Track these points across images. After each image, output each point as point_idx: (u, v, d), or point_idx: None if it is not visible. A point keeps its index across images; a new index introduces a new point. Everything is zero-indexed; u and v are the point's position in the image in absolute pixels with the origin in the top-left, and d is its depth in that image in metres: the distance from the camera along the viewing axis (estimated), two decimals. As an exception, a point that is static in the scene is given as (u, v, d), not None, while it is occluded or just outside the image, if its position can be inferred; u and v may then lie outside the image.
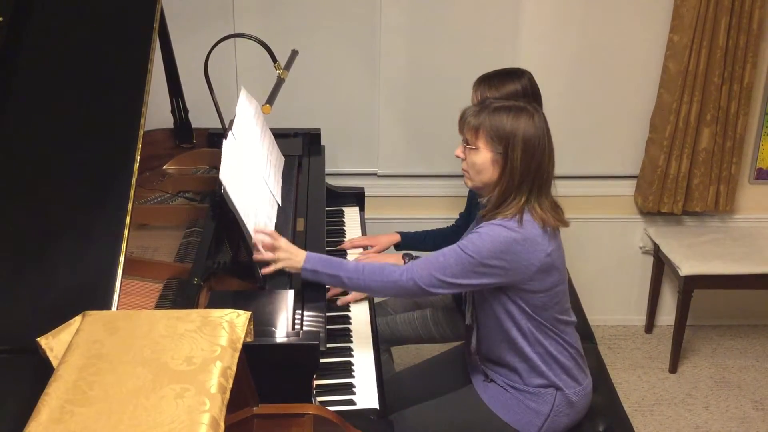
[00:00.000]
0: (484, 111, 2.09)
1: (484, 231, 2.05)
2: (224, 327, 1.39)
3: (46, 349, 1.40)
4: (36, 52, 2.02)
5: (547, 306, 2.12)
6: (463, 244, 2.07)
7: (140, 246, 2.35)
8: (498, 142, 2.05)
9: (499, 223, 2.05)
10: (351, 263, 2.15)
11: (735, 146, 3.47)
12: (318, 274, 2.13)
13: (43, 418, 1.22)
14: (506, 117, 2.05)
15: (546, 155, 2.07)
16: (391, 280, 2.10)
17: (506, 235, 2.03)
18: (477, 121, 2.08)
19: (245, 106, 2.56)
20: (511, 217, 2.05)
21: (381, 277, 2.11)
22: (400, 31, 3.33)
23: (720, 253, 3.44)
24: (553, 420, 2.18)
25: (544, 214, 2.07)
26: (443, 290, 2.09)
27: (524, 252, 2.03)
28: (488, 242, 2.03)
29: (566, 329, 2.20)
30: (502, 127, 2.05)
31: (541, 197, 2.08)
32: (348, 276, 2.11)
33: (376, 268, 2.13)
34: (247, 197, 2.21)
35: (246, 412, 1.55)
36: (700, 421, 3.27)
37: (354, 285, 2.14)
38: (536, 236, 2.05)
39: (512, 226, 2.03)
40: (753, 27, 3.26)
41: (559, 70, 3.40)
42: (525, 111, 2.07)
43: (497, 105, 2.09)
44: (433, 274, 2.07)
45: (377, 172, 3.57)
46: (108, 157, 1.89)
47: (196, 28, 3.17)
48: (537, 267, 2.05)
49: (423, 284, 2.07)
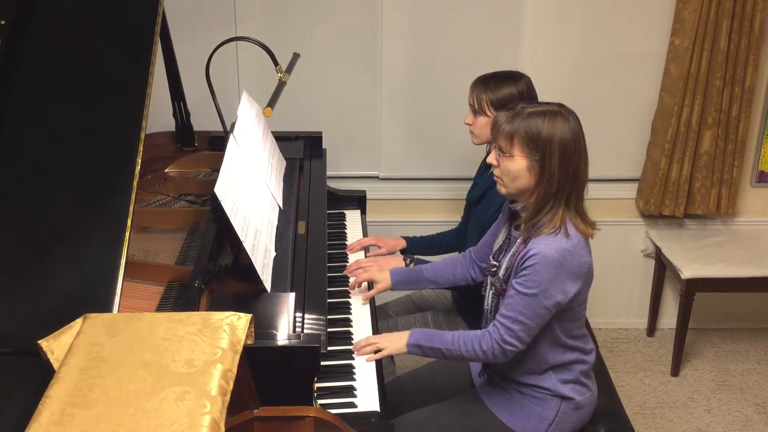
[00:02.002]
0: (518, 117, 2.04)
1: (533, 264, 2.00)
2: (225, 330, 1.39)
3: (47, 351, 1.40)
4: (38, 55, 2.02)
5: (575, 318, 2.13)
6: (520, 283, 2.03)
7: (141, 249, 2.36)
8: (534, 149, 2.01)
9: (546, 239, 2.01)
10: (447, 334, 2.16)
11: (736, 149, 3.46)
12: (422, 348, 2.18)
13: (44, 420, 1.22)
14: (541, 122, 2.01)
15: (582, 159, 2.05)
16: (479, 348, 2.10)
17: (556, 248, 2.00)
18: (511, 128, 2.03)
19: (247, 109, 2.56)
20: (558, 231, 2.02)
21: (472, 346, 2.11)
22: (401, 34, 3.33)
23: (722, 257, 3.44)
24: (558, 426, 2.18)
25: (584, 226, 2.05)
26: (525, 336, 2.05)
27: (577, 262, 2.02)
28: (543, 271, 2.00)
29: (584, 339, 2.21)
30: (537, 133, 2.00)
31: (578, 203, 2.06)
32: (446, 347, 2.15)
33: (468, 337, 2.13)
34: (248, 201, 2.22)
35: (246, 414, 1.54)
36: (702, 424, 3.26)
37: (452, 355, 2.16)
38: (582, 248, 2.04)
39: (560, 238, 2.01)
40: (754, 30, 3.26)
41: (560, 73, 3.40)
42: (560, 115, 2.02)
43: (531, 110, 2.04)
44: (508, 326, 2.05)
45: (379, 175, 3.57)
46: (109, 160, 1.89)
47: (197, 32, 3.17)
48: (583, 279, 2.05)
49: (504, 340, 2.05)
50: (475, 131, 2.56)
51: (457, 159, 3.46)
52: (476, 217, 2.65)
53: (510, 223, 2.20)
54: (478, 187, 2.69)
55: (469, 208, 2.76)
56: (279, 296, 2.04)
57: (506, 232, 2.22)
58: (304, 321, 2.06)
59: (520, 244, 2.09)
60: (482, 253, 2.40)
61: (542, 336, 2.10)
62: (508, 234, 2.20)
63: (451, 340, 2.14)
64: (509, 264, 2.11)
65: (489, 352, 2.09)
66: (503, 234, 2.23)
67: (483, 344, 2.09)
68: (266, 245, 2.22)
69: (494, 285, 2.19)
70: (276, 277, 2.16)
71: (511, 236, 2.18)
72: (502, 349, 2.07)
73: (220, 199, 2.01)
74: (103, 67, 2.02)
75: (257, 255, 2.10)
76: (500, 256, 2.19)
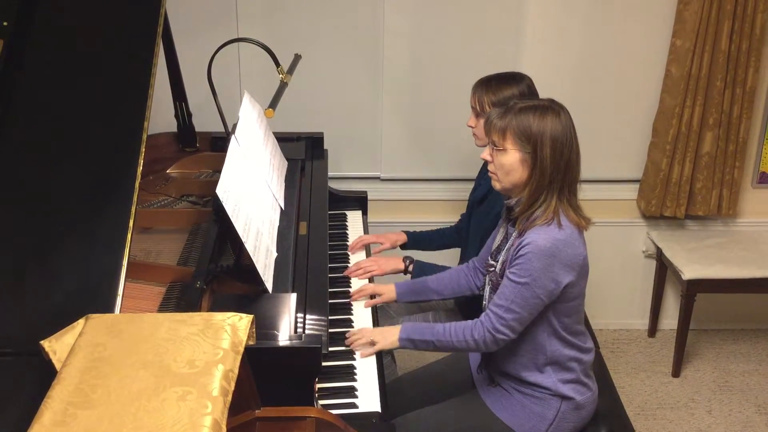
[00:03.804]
0: (510, 112, 2.09)
1: (525, 253, 2.03)
2: (227, 330, 1.40)
3: (49, 351, 1.41)
4: (40, 56, 2.02)
5: (572, 313, 2.14)
6: (513, 272, 2.05)
7: (143, 249, 2.36)
8: (526, 142, 2.05)
9: (539, 229, 2.04)
10: (438, 326, 2.18)
11: (738, 150, 3.47)
12: (414, 342, 2.20)
13: (46, 420, 1.22)
14: (532, 116, 2.05)
15: (574, 153, 2.08)
16: (470, 337, 2.11)
17: (549, 238, 2.02)
18: (503, 123, 2.08)
19: (248, 110, 2.57)
20: (551, 221, 2.04)
21: (464, 335, 2.13)
22: (402, 34, 3.34)
23: (723, 257, 3.44)
24: (558, 426, 2.18)
25: (577, 218, 2.08)
26: (516, 325, 2.07)
27: (570, 252, 2.04)
28: (534, 260, 2.02)
29: (583, 337, 2.21)
30: (529, 126, 2.05)
31: (571, 196, 2.09)
32: (437, 339, 2.16)
33: (459, 327, 2.15)
34: (250, 202, 2.22)
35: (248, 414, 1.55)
36: (703, 425, 3.27)
37: (443, 347, 2.18)
38: (575, 239, 2.07)
39: (553, 229, 2.03)
40: (755, 31, 3.26)
41: (561, 74, 3.40)
42: (550, 110, 2.07)
43: (522, 105, 2.09)
44: (500, 315, 2.07)
45: (380, 176, 3.57)
46: (112, 160, 1.89)
47: (199, 33, 3.18)
48: (578, 270, 2.07)
49: (496, 329, 2.07)
50: (477, 133, 2.57)
51: (459, 160, 3.46)
52: (478, 219, 2.66)
53: (507, 221, 2.22)
54: (480, 188, 2.70)
55: (472, 208, 2.77)
56: (280, 297, 2.04)
57: (504, 231, 2.23)
58: (305, 321, 2.06)
59: (515, 238, 2.11)
60: (485, 261, 2.41)
61: (540, 327, 2.12)
62: (506, 233, 2.21)
63: (442, 331, 2.16)
64: (505, 258, 2.14)
65: (480, 341, 2.11)
66: (501, 233, 2.25)
67: (475, 333, 2.11)
68: (268, 246, 2.22)
69: (491, 280, 2.21)
70: (277, 278, 2.17)
71: (508, 234, 2.20)
72: (494, 338, 2.09)
73: (221, 199, 2.02)
74: (105, 68, 2.03)
75: (259, 256, 2.10)
76: (498, 255, 2.21)
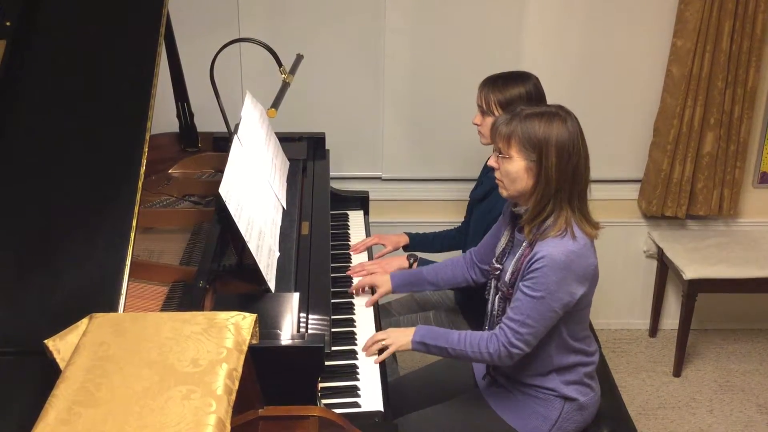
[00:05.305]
0: (515, 119, 2.06)
1: (540, 267, 2.01)
2: (230, 329, 1.40)
3: (53, 351, 1.41)
4: (42, 56, 2.03)
5: (580, 320, 2.14)
6: (528, 286, 2.03)
7: (146, 249, 2.36)
8: (531, 150, 2.02)
9: (552, 241, 2.02)
10: (453, 334, 2.16)
11: (739, 150, 3.47)
12: (427, 346, 2.18)
13: (51, 419, 1.23)
14: (538, 123, 2.02)
15: (581, 159, 2.05)
16: (485, 350, 2.10)
17: (564, 250, 2.00)
18: (508, 130, 2.06)
19: (250, 110, 2.57)
20: (564, 233, 2.02)
21: (479, 347, 2.11)
22: (404, 34, 3.34)
23: (724, 257, 3.44)
24: (561, 426, 2.18)
25: (590, 228, 2.06)
26: (531, 339, 2.06)
27: (583, 264, 2.03)
28: (550, 273, 2.00)
29: (588, 341, 2.21)
30: (534, 134, 2.02)
31: (582, 205, 2.07)
32: (452, 347, 2.15)
33: (474, 338, 2.13)
34: (252, 202, 2.22)
35: (251, 413, 1.55)
36: (704, 425, 3.27)
37: (457, 355, 2.17)
38: (588, 249, 2.05)
39: (567, 241, 2.01)
40: (756, 31, 3.26)
41: (562, 74, 3.40)
42: (557, 116, 2.04)
43: (528, 112, 2.06)
44: (515, 329, 2.05)
45: (382, 176, 3.57)
46: (114, 160, 1.90)
47: (201, 33, 3.18)
48: (590, 280, 2.06)
49: (511, 343, 2.05)
50: (483, 131, 2.57)
51: (461, 160, 3.46)
52: (479, 216, 2.66)
53: (513, 225, 2.21)
54: (482, 185, 2.70)
55: (472, 206, 2.77)
56: (283, 296, 2.04)
57: (509, 235, 2.22)
58: (308, 321, 2.07)
59: (525, 248, 2.09)
60: (482, 254, 2.41)
61: (549, 338, 2.10)
62: (511, 237, 2.20)
63: (457, 340, 2.14)
64: (515, 268, 2.11)
65: (495, 355, 2.09)
66: (506, 237, 2.23)
67: (490, 346, 2.09)
68: (270, 246, 2.22)
69: (500, 289, 2.19)
70: (280, 278, 2.17)
71: (514, 239, 2.19)
72: (509, 352, 2.07)
73: (224, 199, 2.02)
74: (107, 68, 2.03)
75: (261, 255, 2.10)
76: (504, 259, 2.20)
